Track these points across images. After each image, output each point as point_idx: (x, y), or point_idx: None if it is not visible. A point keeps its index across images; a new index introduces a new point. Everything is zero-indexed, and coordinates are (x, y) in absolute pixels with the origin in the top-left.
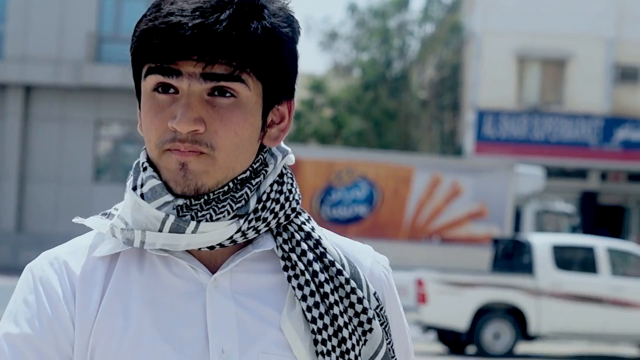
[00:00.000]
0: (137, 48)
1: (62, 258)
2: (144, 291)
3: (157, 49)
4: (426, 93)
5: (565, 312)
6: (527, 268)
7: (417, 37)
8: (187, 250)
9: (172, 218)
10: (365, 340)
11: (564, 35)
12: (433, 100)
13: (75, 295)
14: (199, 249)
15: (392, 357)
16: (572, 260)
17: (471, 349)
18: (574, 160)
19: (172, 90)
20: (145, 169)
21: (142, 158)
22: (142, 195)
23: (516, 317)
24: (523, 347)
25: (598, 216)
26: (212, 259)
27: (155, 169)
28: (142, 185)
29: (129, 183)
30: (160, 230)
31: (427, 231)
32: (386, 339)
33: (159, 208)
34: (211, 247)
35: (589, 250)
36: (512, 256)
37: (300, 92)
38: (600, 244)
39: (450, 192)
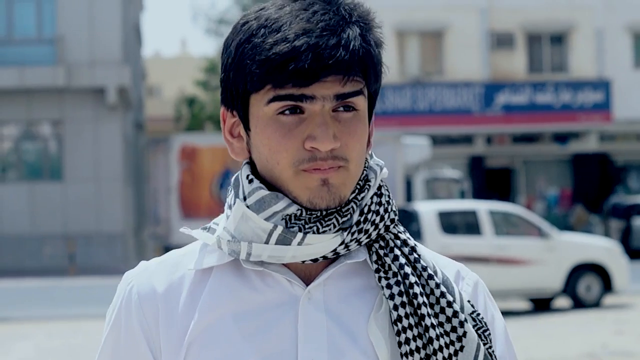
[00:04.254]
0: (263, 74)
1: (151, 271)
2: (237, 304)
3: (295, 75)
4: None
5: None
6: (416, 235)
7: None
8: (282, 264)
9: (279, 229)
10: (462, 347)
11: (439, 8)
12: None
13: (159, 317)
14: (303, 261)
15: None
16: (457, 224)
17: None
18: (459, 127)
19: (298, 111)
20: (251, 181)
21: (246, 171)
22: (247, 207)
23: None
24: None
25: (487, 179)
26: (306, 272)
27: (275, 187)
28: (245, 198)
29: (230, 198)
30: (267, 242)
31: None
32: (484, 343)
33: (266, 219)
34: (314, 260)
35: (472, 214)
36: (401, 225)
37: (195, 73)
38: (482, 207)
39: None
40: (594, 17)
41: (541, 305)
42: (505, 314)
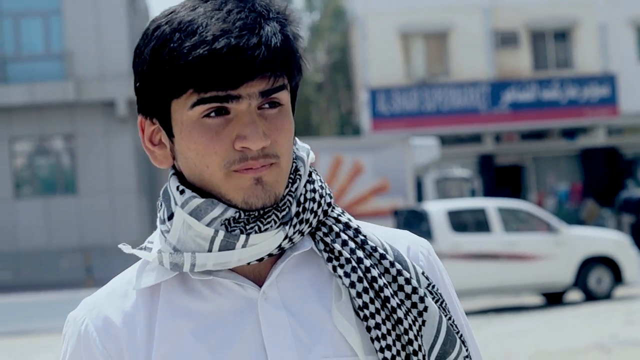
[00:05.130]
0: (184, 79)
1: (101, 302)
2: (193, 319)
3: (219, 77)
4: (321, 76)
5: (466, 271)
6: (426, 234)
7: (304, 26)
8: (229, 269)
9: (221, 234)
10: (424, 322)
11: (443, 9)
12: (328, 83)
13: (122, 343)
14: (248, 263)
15: (457, 332)
16: (466, 222)
17: None
18: (467, 127)
19: (223, 112)
20: (182, 192)
21: (174, 183)
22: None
23: None
24: None
25: (497, 177)
26: (255, 273)
27: (206, 192)
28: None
29: (161, 212)
30: (210, 250)
31: None
32: (445, 315)
33: (206, 226)
34: (260, 259)
35: (481, 212)
36: (411, 225)
37: None
38: (491, 205)
39: (353, 170)
40: (596, 13)
41: (553, 299)
42: (518, 309)
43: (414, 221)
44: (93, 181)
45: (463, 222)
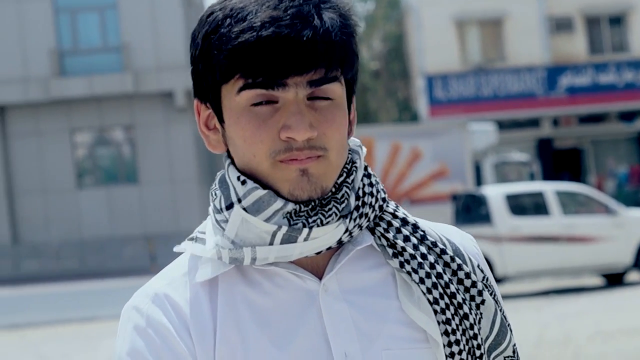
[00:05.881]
0: (231, 64)
1: (162, 292)
2: (255, 311)
3: (265, 65)
4: (377, 64)
5: (526, 253)
6: (485, 218)
7: (360, 15)
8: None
9: (284, 229)
10: (481, 314)
11: None
12: (384, 71)
13: (190, 329)
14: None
15: (508, 324)
16: (525, 205)
17: None
18: (524, 111)
19: (272, 101)
20: (244, 183)
21: (234, 173)
22: (244, 210)
23: None
24: None
25: (555, 161)
26: (313, 264)
27: (256, 181)
28: (239, 201)
29: (217, 201)
30: (271, 244)
31: (396, 195)
32: (498, 308)
33: (267, 220)
34: (318, 252)
35: (539, 195)
36: (470, 209)
37: None
38: (549, 188)
39: (411, 156)
40: None
41: (614, 280)
42: (579, 290)
43: (472, 205)
44: (154, 170)
45: (521, 205)
